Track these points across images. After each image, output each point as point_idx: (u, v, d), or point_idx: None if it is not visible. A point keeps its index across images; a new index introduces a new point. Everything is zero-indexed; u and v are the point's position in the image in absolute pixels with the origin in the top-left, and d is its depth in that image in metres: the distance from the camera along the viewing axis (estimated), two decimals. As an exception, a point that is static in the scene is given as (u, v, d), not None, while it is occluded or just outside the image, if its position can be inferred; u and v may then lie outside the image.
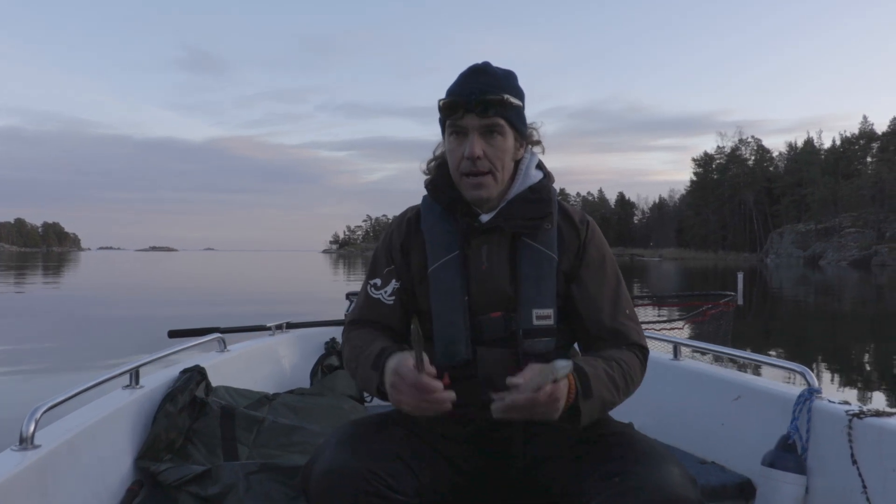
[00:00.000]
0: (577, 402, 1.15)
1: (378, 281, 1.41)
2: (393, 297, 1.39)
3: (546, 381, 1.08)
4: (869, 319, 13.35)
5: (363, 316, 1.42)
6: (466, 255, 1.35)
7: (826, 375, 6.69)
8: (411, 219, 1.44)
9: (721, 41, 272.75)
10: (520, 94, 1.34)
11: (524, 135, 1.37)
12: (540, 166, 1.43)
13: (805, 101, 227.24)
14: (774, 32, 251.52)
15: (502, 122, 1.30)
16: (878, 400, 5.63)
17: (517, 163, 1.38)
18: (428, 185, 1.42)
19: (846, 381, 6.40)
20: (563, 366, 1.09)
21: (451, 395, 1.13)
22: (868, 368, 7.39)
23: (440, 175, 1.40)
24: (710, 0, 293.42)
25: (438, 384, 1.12)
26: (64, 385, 1.54)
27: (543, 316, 1.32)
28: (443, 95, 1.32)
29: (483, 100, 1.27)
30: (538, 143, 1.42)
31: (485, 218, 1.36)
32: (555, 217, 1.38)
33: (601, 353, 1.29)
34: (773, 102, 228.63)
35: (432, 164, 1.45)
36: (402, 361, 1.16)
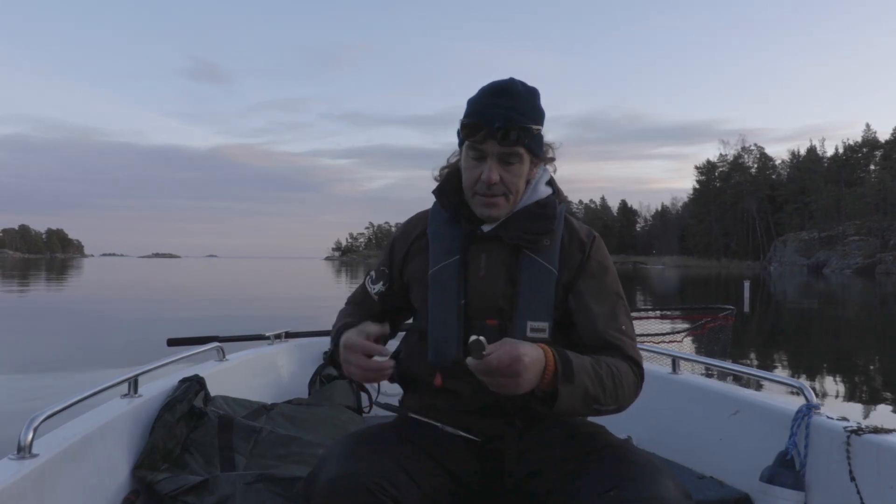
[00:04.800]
0: (554, 383, 1.14)
1: (374, 274, 1.52)
2: (377, 296, 1.50)
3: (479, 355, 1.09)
4: (873, 329, 13.29)
5: (355, 299, 1.58)
6: (466, 260, 1.37)
7: (829, 387, 6.66)
8: (419, 222, 1.49)
9: (719, 50, 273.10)
10: (541, 117, 1.35)
11: (540, 157, 1.38)
12: (550, 182, 1.44)
13: (807, 109, 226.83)
14: (774, 41, 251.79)
15: (522, 150, 1.31)
16: (882, 413, 5.59)
17: (528, 179, 1.39)
18: (436, 191, 1.44)
19: (849, 393, 6.37)
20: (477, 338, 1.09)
21: (390, 363, 1.28)
22: (872, 380, 7.35)
23: (449, 183, 1.42)
24: (707, 9, 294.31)
25: (380, 347, 1.26)
26: (63, 393, 1.54)
27: (538, 329, 1.32)
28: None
29: (505, 128, 1.27)
30: (552, 160, 1.43)
31: (487, 227, 1.37)
32: (558, 233, 1.39)
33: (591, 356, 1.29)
34: (774, 111, 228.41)
35: (444, 171, 1.46)
36: (350, 335, 1.29)
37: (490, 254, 1.37)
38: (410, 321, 1.54)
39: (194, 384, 1.98)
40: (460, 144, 1.38)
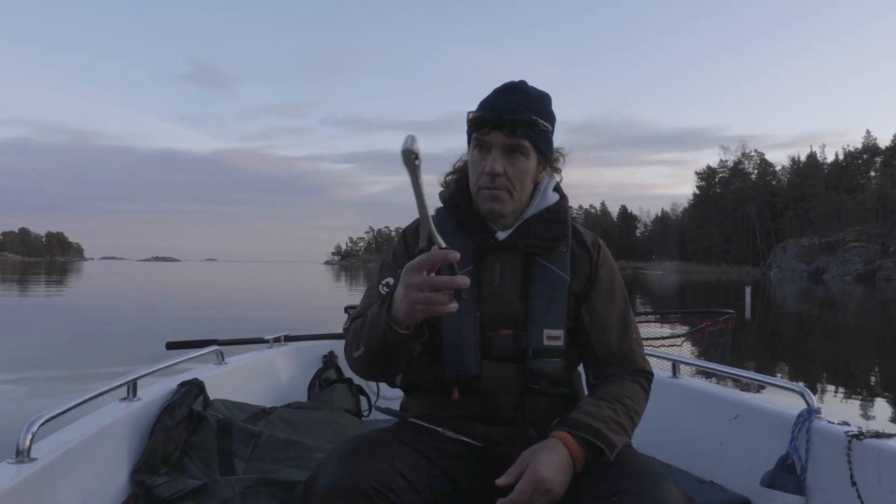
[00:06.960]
0: (588, 461, 1.17)
1: (391, 280, 1.37)
2: None
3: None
4: (874, 335, 13.29)
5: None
6: (480, 270, 1.35)
7: (829, 392, 6.65)
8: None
9: (719, 56, 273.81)
10: (550, 118, 1.34)
11: (548, 158, 1.37)
12: (557, 188, 1.44)
13: (807, 115, 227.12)
14: (773, 47, 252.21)
15: (527, 143, 1.30)
16: (882, 418, 5.58)
17: (536, 183, 1.39)
18: (446, 198, 1.42)
19: (849, 399, 6.35)
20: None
21: (465, 279, 1.03)
22: (872, 385, 7.35)
23: (458, 190, 1.40)
24: (706, 16, 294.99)
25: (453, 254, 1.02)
26: (61, 397, 1.54)
27: (554, 336, 1.33)
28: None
29: (511, 119, 1.27)
30: (559, 169, 1.43)
31: (501, 235, 1.36)
32: (569, 239, 1.39)
33: (604, 392, 1.30)
34: (773, 117, 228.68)
35: (450, 177, 1.45)
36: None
37: (504, 263, 1.36)
38: None
39: (193, 388, 1.97)
40: (469, 143, 1.37)
